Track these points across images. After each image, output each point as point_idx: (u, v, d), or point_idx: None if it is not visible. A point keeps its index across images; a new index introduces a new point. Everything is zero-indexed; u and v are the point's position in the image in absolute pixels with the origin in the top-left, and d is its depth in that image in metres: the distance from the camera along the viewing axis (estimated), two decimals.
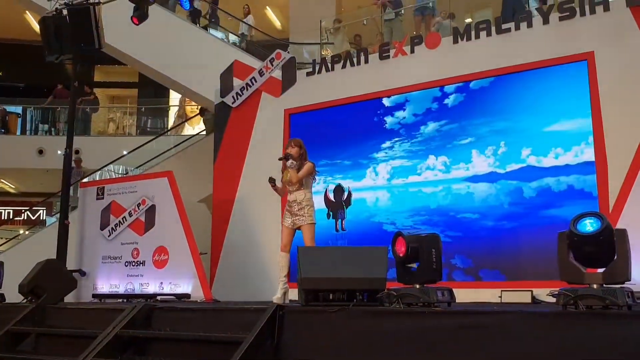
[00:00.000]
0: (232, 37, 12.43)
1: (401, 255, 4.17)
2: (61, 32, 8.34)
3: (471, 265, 6.93)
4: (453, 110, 7.36)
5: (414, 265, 4.17)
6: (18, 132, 15.20)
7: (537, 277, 6.29)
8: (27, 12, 15.98)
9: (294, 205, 5.93)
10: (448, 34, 7.84)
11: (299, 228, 5.94)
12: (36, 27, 9.69)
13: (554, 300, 3.51)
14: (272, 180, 6.02)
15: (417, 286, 4.05)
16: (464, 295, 5.66)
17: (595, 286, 3.36)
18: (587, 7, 6.70)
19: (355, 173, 8.00)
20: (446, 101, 7.43)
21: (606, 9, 6.60)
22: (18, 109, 15.51)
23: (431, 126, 7.45)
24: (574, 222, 3.48)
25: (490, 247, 6.85)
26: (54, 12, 8.49)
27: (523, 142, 6.85)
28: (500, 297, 6.21)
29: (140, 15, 8.38)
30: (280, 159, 6.06)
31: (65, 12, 8.40)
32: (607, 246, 3.42)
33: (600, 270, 3.47)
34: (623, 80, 6.35)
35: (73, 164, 12.39)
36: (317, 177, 6.28)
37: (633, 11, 6.39)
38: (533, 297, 6.05)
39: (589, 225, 3.42)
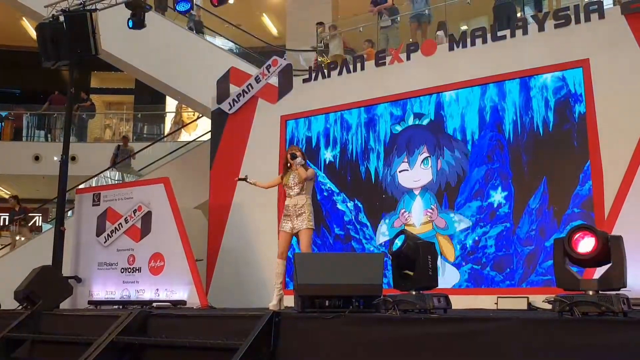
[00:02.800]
0: (229, 44, 12.46)
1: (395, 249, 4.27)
2: (58, 38, 8.37)
3: None
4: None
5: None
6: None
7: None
8: (23, 18, 15.98)
9: (292, 209, 5.86)
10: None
11: (297, 233, 5.85)
12: (33, 33, 9.71)
13: (550, 307, 3.52)
14: (243, 179, 6.27)
15: (413, 292, 4.06)
16: (461, 301, 5.66)
17: (591, 293, 3.37)
18: (582, 15, 6.74)
19: None
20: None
21: (601, 16, 6.64)
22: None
23: None
24: (569, 239, 3.49)
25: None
26: (51, 19, 8.51)
27: None
28: (497, 303, 6.22)
29: (136, 22, 8.41)
30: (287, 152, 6.12)
31: (62, 18, 8.42)
32: (602, 257, 3.45)
33: (596, 277, 3.49)
34: (618, 87, 6.38)
35: (121, 142, 12.56)
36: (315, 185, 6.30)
37: (628, 19, 6.43)
38: (529, 304, 6.07)
39: (584, 246, 3.44)
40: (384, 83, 7.90)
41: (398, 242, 4.24)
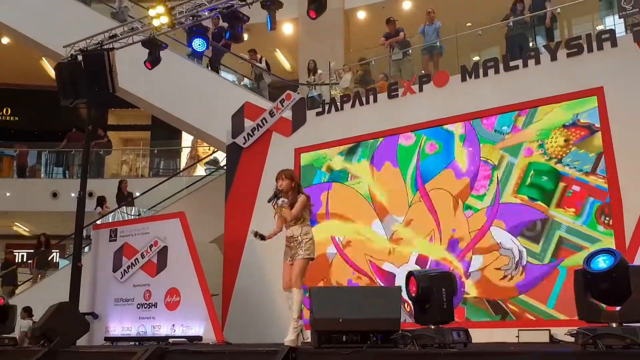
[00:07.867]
0: (244, 80, 12.59)
1: (413, 295, 4.15)
2: (76, 77, 8.53)
3: None
4: None
5: None
6: (15, 175, 15.35)
7: None
8: (43, 58, 16.33)
9: (292, 240, 5.48)
10: None
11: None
12: (52, 72, 9.91)
13: (572, 339, 3.44)
14: (258, 236, 5.51)
15: (432, 327, 3.99)
16: (481, 335, 5.56)
17: (614, 325, 3.29)
18: (594, 44, 6.75)
19: None
20: None
21: (614, 44, 6.64)
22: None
23: None
24: (587, 260, 3.45)
25: None
26: (69, 58, 8.70)
27: None
28: (518, 336, 6.11)
29: (153, 59, 8.56)
30: (269, 201, 5.57)
31: (80, 58, 8.60)
32: (621, 283, 3.37)
33: (618, 308, 3.41)
34: (633, 115, 6.34)
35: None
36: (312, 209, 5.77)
37: None
38: (551, 337, 5.95)
39: (602, 262, 3.38)
40: (397, 114, 7.92)
41: (412, 287, 4.17)
